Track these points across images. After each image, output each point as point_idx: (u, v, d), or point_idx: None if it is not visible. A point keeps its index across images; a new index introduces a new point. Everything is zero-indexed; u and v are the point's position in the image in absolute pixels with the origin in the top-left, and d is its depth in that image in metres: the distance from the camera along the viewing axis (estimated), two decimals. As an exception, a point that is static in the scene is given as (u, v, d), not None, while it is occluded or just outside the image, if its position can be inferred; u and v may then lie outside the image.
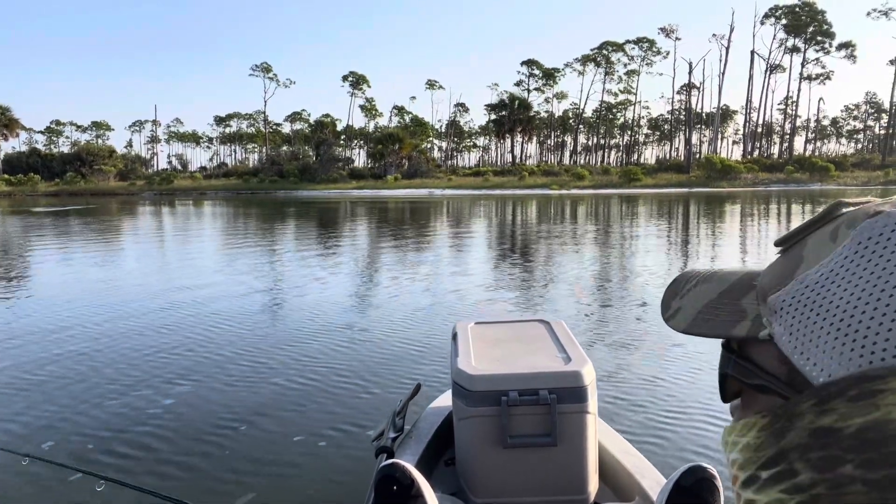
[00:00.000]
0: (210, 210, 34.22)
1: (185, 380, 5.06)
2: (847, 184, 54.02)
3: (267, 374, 5.17)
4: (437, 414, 2.77)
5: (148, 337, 6.43)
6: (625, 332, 6.48)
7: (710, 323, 0.43)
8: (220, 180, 69.92)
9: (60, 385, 4.96)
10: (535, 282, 9.82)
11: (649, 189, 52.26)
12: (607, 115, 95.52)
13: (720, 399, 0.46)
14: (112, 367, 5.39)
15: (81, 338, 6.41)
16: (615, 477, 2.38)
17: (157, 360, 5.58)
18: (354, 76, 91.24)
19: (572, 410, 2.18)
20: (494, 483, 2.22)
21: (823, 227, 0.39)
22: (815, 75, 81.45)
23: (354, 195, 51.38)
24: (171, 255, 14.83)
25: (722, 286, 0.44)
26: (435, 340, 6.14)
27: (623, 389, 4.61)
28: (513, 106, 78.81)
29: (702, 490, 1.78)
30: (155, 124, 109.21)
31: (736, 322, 0.41)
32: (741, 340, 0.42)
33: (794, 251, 0.40)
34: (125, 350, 5.96)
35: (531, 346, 2.49)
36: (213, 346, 6.06)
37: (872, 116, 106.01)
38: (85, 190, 61.47)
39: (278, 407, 4.44)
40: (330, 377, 5.07)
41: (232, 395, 4.70)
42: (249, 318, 7.25)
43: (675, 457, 3.45)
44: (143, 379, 5.07)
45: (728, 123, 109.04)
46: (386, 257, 13.37)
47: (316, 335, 6.45)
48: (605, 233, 17.88)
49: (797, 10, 74.63)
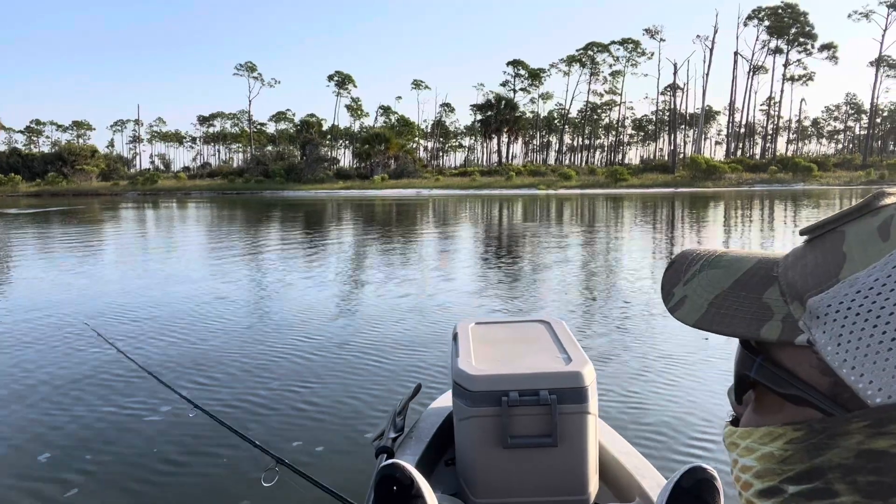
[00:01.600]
0: (196, 212, 33.94)
1: (184, 380, 5.07)
2: (830, 184, 54.81)
3: (266, 375, 5.15)
4: (437, 414, 2.76)
5: (141, 339, 6.35)
6: (625, 331, 6.49)
7: (727, 319, 0.39)
8: (205, 180, 69.38)
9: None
10: (534, 281, 9.84)
11: (635, 189, 52.57)
12: (592, 116, 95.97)
13: (731, 400, 0.43)
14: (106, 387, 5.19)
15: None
16: (615, 477, 2.38)
17: (157, 363, 5.51)
18: (340, 76, 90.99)
19: (573, 411, 2.18)
20: (495, 483, 2.22)
21: (862, 218, 0.36)
22: (797, 76, 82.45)
23: (342, 195, 51.19)
24: (163, 261, 14.69)
25: (733, 274, 0.41)
26: (432, 340, 6.13)
27: (623, 390, 4.62)
28: (499, 106, 78.98)
29: (702, 491, 1.78)
30: (137, 124, 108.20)
31: (762, 321, 0.37)
32: (770, 343, 0.38)
33: (827, 244, 0.37)
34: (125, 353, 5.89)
35: (532, 346, 2.49)
36: (208, 348, 6.02)
37: (852, 117, 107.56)
38: (67, 190, 60.70)
39: (278, 408, 4.44)
40: (330, 377, 5.07)
41: (232, 397, 4.69)
42: (245, 321, 7.20)
43: (675, 458, 3.46)
44: (144, 382, 5.02)
45: (711, 124, 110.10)
46: (382, 258, 13.32)
47: (315, 336, 6.44)
48: (602, 233, 17.97)
49: (780, 11, 75.49)
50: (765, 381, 0.38)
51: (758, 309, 0.38)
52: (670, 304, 0.43)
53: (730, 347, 5.55)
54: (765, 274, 0.40)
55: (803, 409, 0.36)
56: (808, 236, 0.39)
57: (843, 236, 0.36)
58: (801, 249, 0.39)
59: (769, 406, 0.39)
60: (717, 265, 0.43)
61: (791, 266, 0.38)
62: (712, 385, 4.72)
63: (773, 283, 0.39)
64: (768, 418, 0.39)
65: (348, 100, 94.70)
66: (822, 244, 0.37)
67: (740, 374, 0.40)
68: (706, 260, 0.44)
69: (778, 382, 0.37)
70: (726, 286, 0.41)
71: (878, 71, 73.81)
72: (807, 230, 0.39)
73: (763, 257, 0.41)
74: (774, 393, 0.37)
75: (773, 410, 0.38)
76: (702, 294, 0.42)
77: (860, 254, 0.34)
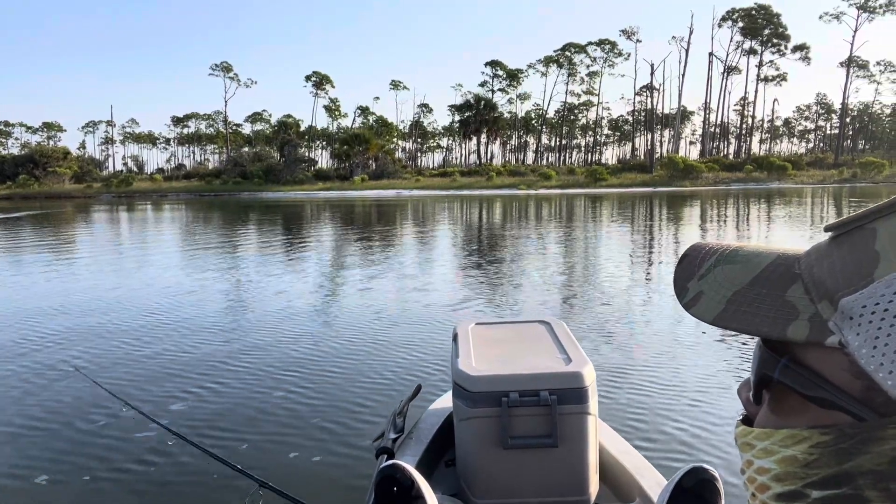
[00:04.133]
0: (173, 215, 33.50)
1: (182, 378, 5.04)
2: (804, 182, 55.86)
3: (265, 377, 5.11)
4: (437, 415, 2.76)
5: (133, 345, 6.21)
6: (625, 331, 6.51)
7: (748, 317, 0.38)
8: (181, 182, 68.53)
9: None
10: (534, 281, 9.85)
11: (615, 189, 53.05)
12: (569, 116, 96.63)
13: (743, 398, 0.42)
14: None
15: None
16: (616, 478, 2.38)
17: (154, 368, 5.44)
18: (318, 76, 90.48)
19: (573, 411, 2.18)
20: (495, 484, 2.22)
21: (894, 215, 0.34)
22: (770, 77, 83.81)
23: (322, 196, 50.91)
24: (132, 273, 14.46)
25: (752, 271, 0.40)
26: (429, 340, 6.12)
27: (623, 390, 4.63)
28: (479, 106, 79.14)
29: (703, 491, 1.78)
30: (110, 125, 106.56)
31: (787, 320, 0.36)
32: (795, 343, 0.36)
33: (856, 241, 0.35)
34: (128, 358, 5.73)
35: (532, 346, 2.49)
36: (206, 351, 5.95)
37: (822, 117, 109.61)
38: (39, 193, 59.59)
39: (277, 410, 4.41)
40: (329, 377, 5.05)
41: (231, 398, 4.65)
42: (244, 324, 7.11)
43: (675, 458, 3.47)
44: (148, 388, 4.94)
45: (685, 124, 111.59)
46: (376, 259, 13.24)
47: (314, 336, 6.42)
48: (593, 232, 18.08)
49: (754, 13, 76.66)
50: (790, 382, 0.37)
51: (781, 307, 0.37)
52: (685, 300, 0.42)
53: (731, 346, 5.62)
54: (785, 271, 0.38)
55: (831, 413, 0.34)
56: (833, 233, 0.37)
57: (875, 234, 0.34)
58: (826, 246, 0.37)
59: (791, 408, 0.38)
60: (734, 260, 0.41)
61: (816, 263, 0.37)
62: (713, 385, 4.74)
63: (796, 280, 0.37)
64: (790, 420, 0.37)
65: (326, 100, 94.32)
66: (850, 241, 0.36)
67: (762, 375, 0.39)
68: (721, 254, 0.42)
69: (804, 384, 0.36)
70: (745, 282, 0.39)
71: (849, 71, 75.37)
72: (832, 226, 0.38)
73: (782, 253, 0.40)
74: (799, 395, 0.36)
75: (794, 412, 0.37)
76: (719, 290, 0.40)
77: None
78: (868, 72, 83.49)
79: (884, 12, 70.61)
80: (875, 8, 70.49)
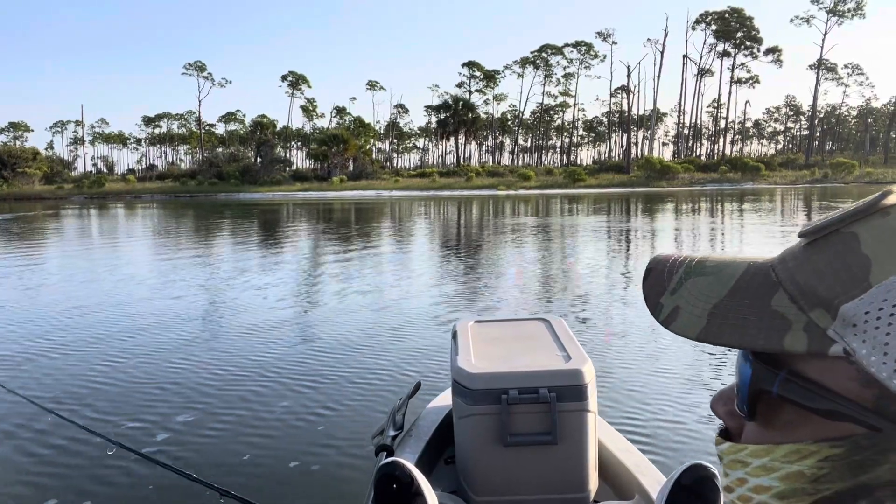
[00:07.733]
0: (148, 215, 32.96)
1: (183, 379, 5.03)
2: (777, 182, 57.00)
3: (265, 377, 5.08)
4: (437, 412, 2.76)
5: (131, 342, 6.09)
6: (624, 330, 6.53)
7: (738, 331, 0.36)
8: (155, 183, 67.48)
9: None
10: (534, 281, 9.86)
11: (593, 189, 53.50)
12: (545, 117, 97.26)
13: (722, 413, 0.41)
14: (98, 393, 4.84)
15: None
16: (615, 475, 2.39)
17: (153, 369, 5.37)
18: (294, 76, 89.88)
19: (572, 409, 2.18)
20: (494, 481, 2.22)
21: (872, 217, 0.33)
22: (743, 79, 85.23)
23: (300, 197, 50.48)
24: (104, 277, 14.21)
25: (727, 282, 0.38)
26: (427, 337, 6.13)
27: (623, 387, 4.65)
28: (457, 107, 79.24)
29: (702, 488, 1.78)
30: (79, 125, 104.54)
31: (781, 332, 0.34)
32: (793, 355, 0.35)
33: (837, 246, 0.34)
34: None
35: (531, 344, 2.49)
36: (206, 351, 5.90)
37: (791, 118, 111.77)
38: (8, 195, 58.20)
39: (277, 407, 4.39)
40: (329, 377, 5.03)
41: (231, 398, 4.63)
42: (242, 324, 7.03)
43: (675, 455, 3.48)
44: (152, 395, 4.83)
45: (659, 125, 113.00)
46: (368, 260, 13.11)
47: (313, 336, 6.40)
48: (583, 230, 18.18)
49: (727, 16, 77.92)
50: (793, 396, 0.35)
51: (769, 318, 0.35)
52: (662, 317, 0.41)
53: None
54: (764, 280, 0.37)
55: (838, 425, 0.33)
56: (808, 238, 0.36)
57: (857, 238, 0.33)
58: (802, 252, 0.36)
59: (788, 421, 0.36)
60: (703, 272, 0.40)
61: (796, 270, 0.35)
62: (712, 382, 4.78)
63: (776, 289, 0.36)
64: (789, 434, 0.36)
65: (302, 100, 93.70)
66: (829, 246, 0.34)
67: (757, 390, 0.37)
68: (688, 266, 0.41)
69: (809, 398, 0.34)
70: (723, 294, 0.38)
71: (819, 74, 76.96)
72: (808, 232, 0.36)
73: (752, 261, 0.39)
74: (803, 408, 0.35)
75: (792, 426, 0.36)
76: (696, 304, 0.39)
77: (887, 256, 0.32)
78: (836, 74, 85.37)
79: (852, 16, 72.33)
80: (844, 12, 72.15)
